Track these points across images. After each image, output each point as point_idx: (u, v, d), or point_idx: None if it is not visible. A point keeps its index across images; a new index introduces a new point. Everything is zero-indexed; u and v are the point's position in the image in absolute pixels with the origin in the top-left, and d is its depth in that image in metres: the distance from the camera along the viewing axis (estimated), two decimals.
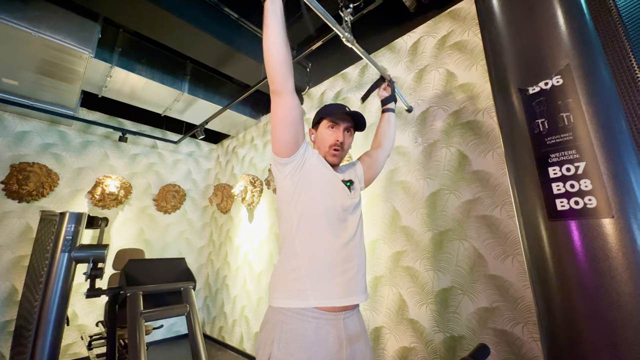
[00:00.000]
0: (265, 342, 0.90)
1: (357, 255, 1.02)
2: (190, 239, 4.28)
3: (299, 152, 1.01)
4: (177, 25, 2.19)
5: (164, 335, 3.79)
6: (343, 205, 1.04)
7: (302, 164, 1.02)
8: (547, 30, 0.89)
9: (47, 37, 2.09)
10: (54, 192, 3.25)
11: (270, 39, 0.92)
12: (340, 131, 1.12)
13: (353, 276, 0.98)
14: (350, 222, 1.05)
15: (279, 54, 0.92)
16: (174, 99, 3.18)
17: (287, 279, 0.96)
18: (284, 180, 1.03)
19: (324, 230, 0.98)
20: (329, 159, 1.11)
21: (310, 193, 1.01)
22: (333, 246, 0.97)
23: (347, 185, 1.10)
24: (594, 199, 0.75)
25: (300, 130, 1.00)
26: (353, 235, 1.03)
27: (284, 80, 0.94)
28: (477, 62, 1.86)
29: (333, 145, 1.10)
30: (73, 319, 3.15)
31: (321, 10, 1.27)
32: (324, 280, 0.93)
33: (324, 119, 1.14)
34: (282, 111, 0.95)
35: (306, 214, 0.99)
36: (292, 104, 0.96)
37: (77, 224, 2.09)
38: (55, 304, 1.99)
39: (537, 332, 1.40)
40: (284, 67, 0.93)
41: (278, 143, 0.99)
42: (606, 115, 0.79)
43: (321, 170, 1.05)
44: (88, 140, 3.58)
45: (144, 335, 1.65)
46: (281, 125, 0.96)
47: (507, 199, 1.60)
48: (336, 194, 1.05)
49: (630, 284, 0.66)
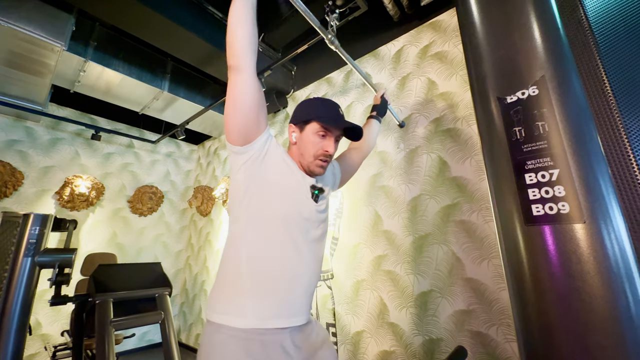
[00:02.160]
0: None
1: (311, 273, 0.91)
2: (167, 243, 4.12)
3: (257, 142, 0.87)
4: (157, 21, 2.13)
5: (136, 345, 3.60)
6: (303, 213, 0.91)
7: (261, 156, 0.88)
8: (524, 43, 0.94)
9: (16, 27, 1.96)
10: (18, 192, 3.03)
11: (237, 14, 0.84)
12: (332, 141, 0.96)
13: (300, 295, 0.88)
14: (311, 235, 0.92)
15: (242, 29, 0.83)
16: (153, 97, 3.07)
17: (227, 291, 0.84)
18: (237, 172, 0.89)
19: (277, 240, 0.86)
20: (313, 169, 0.95)
21: (265, 193, 0.88)
22: (284, 260, 0.86)
23: (314, 192, 0.95)
24: (567, 204, 0.78)
25: (260, 116, 0.87)
26: (311, 250, 0.92)
27: (245, 54, 0.83)
28: (456, 72, 1.92)
29: (321, 156, 0.94)
30: (36, 328, 2.94)
31: (308, 13, 1.28)
32: (267, 297, 0.82)
33: (315, 121, 0.95)
34: (239, 89, 0.83)
35: (258, 217, 0.87)
36: (250, 82, 0.84)
37: (42, 226, 1.96)
38: (16, 312, 1.85)
39: (510, 334, 1.44)
40: (248, 41, 0.84)
41: (231, 127, 0.85)
42: (578, 124, 0.83)
43: (283, 170, 0.92)
44: (57, 137, 3.38)
45: (113, 345, 1.56)
46: (236, 106, 0.83)
47: (483, 204, 1.65)
48: (298, 199, 0.92)
49: (601, 287, 0.69)
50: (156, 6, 2.04)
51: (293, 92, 3.11)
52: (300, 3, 1.23)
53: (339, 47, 1.52)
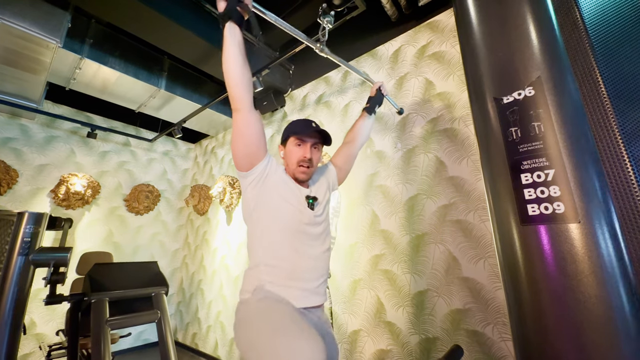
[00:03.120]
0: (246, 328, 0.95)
1: (317, 267, 1.08)
2: (163, 242, 4.10)
3: (259, 166, 1.07)
4: (154, 18, 2.11)
5: (132, 344, 3.59)
6: (303, 220, 1.08)
7: (262, 178, 1.08)
8: (520, 44, 0.95)
9: (11, 24, 1.94)
10: (12, 190, 3.00)
11: (228, 62, 0.99)
12: (308, 147, 1.15)
13: (310, 283, 1.05)
14: (312, 235, 1.10)
15: (235, 76, 0.99)
16: (149, 95, 3.05)
17: (253, 283, 1.03)
18: (245, 192, 1.10)
19: (285, 243, 1.04)
20: (297, 175, 1.14)
21: (270, 209, 1.07)
22: (292, 259, 1.03)
23: (309, 202, 1.13)
24: (562, 204, 0.79)
25: (259, 145, 1.06)
26: (315, 245, 1.09)
27: (240, 98, 1.00)
28: (454, 72, 1.93)
29: (301, 161, 1.14)
30: (31, 328, 2.92)
31: (289, 28, 1.36)
32: (283, 288, 1.00)
33: (291, 136, 1.17)
34: (240, 126, 1.01)
35: (266, 227, 1.06)
36: (251, 119, 1.01)
37: (36, 224, 1.94)
38: (10, 311, 1.83)
39: (506, 332, 1.45)
40: (241, 87, 1.00)
41: (237, 156, 1.05)
42: (573, 125, 0.84)
43: (282, 188, 1.10)
44: (52, 135, 3.35)
45: (109, 344, 1.55)
46: (239, 140, 1.03)
47: (479, 204, 1.66)
48: (297, 209, 1.09)
49: (596, 286, 0.70)
50: (152, 3, 2.03)
51: (291, 91, 3.11)
52: (281, 21, 1.31)
53: (330, 53, 1.54)
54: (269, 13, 1.26)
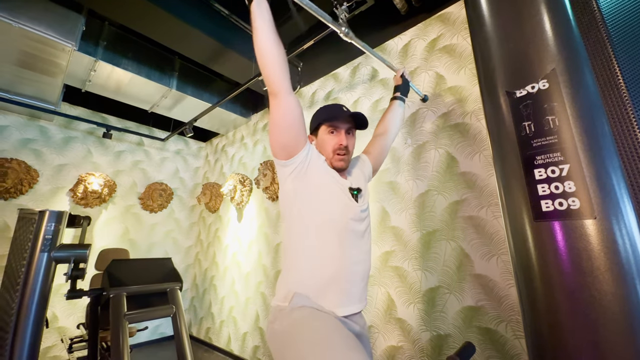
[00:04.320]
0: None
1: (361, 269, 0.99)
2: (177, 239, 4.19)
3: (300, 155, 0.96)
4: (165, 19, 2.15)
5: (149, 338, 3.70)
6: (349, 214, 0.99)
7: (305, 167, 0.97)
8: (534, 35, 0.92)
9: (27, 28, 2.01)
10: (33, 189, 3.12)
11: (260, 41, 0.90)
12: (342, 134, 1.06)
13: (354, 287, 0.95)
14: (357, 232, 1.00)
15: (271, 55, 0.90)
16: (161, 95, 3.11)
17: (292, 288, 0.93)
18: (285, 182, 0.99)
19: (329, 242, 0.94)
20: (335, 164, 1.05)
21: (312, 202, 0.97)
22: (336, 260, 0.93)
23: (354, 194, 1.04)
24: (577, 200, 0.77)
25: (300, 131, 0.95)
26: (359, 245, 1.00)
27: (279, 80, 0.91)
28: (465, 66, 1.89)
29: (337, 149, 1.05)
30: (53, 321, 3.04)
31: (315, 8, 1.26)
32: (324, 294, 0.91)
33: (322, 124, 1.08)
34: (279, 111, 0.92)
35: (309, 223, 0.96)
36: (289, 104, 0.92)
37: (57, 222, 2.01)
38: (34, 306, 1.91)
39: (519, 330, 1.43)
40: (278, 67, 0.90)
41: (276, 144, 0.96)
42: (589, 119, 0.81)
43: (326, 179, 1.00)
44: (70, 136, 3.46)
45: (127, 338, 1.60)
46: (279, 126, 0.93)
47: (492, 200, 1.63)
48: (343, 202, 1.00)
49: (612, 283, 0.68)
50: (163, 4, 2.06)
51: (299, 88, 3.11)
52: (310, 4, 1.21)
53: (354, 37, 1.49)
54: None
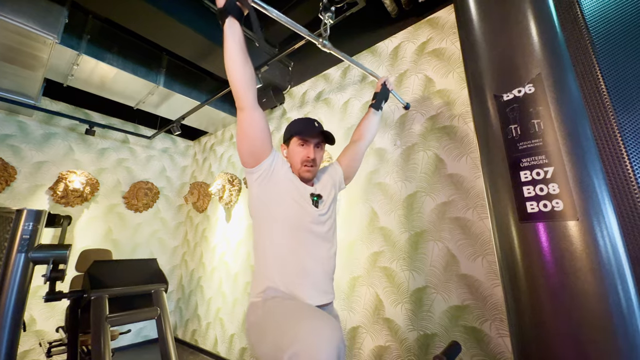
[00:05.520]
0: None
1: (325, 267, 1.09)
2: (163, 239, 4.10)
3: (264, 163, 1.06)
4: (152, 14, 2.09)
5: (132, 341, 3.60)
6: (307, 217, 1.08)
7: (269, 174, 1.07)
8: (521, 41, 0.94)
9: (7, 19, 1.92)
10: (11, 187, 3.00)
11: (230, 60, 0.99)
12: (311, 148, 1.16)
13: (320, 282, 1.06)
14: (318, 234, 1.10)
15: (239, 74, 0.98)
16: (148, 91, 3.04)
17: (264, 284, 1.03)
18: (252, 187, 1.09)
19: (289, 240, 1.05)
20: (302, 174, 1.14)
21: (275, 205, 1.07)
22: (300, 258, 1.04)
23: (313, 199, 1.13)
24: (561, 202, 0.79)
25: (264, 142, 1.05)
26: (323, 244, 1.10)
27: (245, 96, 1.00)
28: (453, 70, 1.92)
29: (305, 161, 1.14)
30: (30, 325, 2.92)
31: (291, 23, 1.32)
32: (294, 286, 1.01)
33: (294, 136, 1.17)
34: (245, 124, 1.01)
35: (272, 225, 1.06)
36: (255, 117, 1.01)
37: (35, 222, 1.93)
38: (10, 308, 1.83)
39: (503, 329, 1.46)
40: (245, 84, 1.00)
41: (242, 153, 1.06)
42: (573, 123, 0.84)
43: (287, 185, 1.10)
44: (50, 132, 3.33)
45: (109, 341, 1.55)
46: (246, 137, 1.03)
47: (478, 201, 1.67)
48: (301, 206, 1.09)
49: (594, 283, 0.70)
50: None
51: (290, 88, 3.10)
52: (282, 16, 1.28)
53: (332, 48, 1.52)
54: (269, 8, 1.25)
